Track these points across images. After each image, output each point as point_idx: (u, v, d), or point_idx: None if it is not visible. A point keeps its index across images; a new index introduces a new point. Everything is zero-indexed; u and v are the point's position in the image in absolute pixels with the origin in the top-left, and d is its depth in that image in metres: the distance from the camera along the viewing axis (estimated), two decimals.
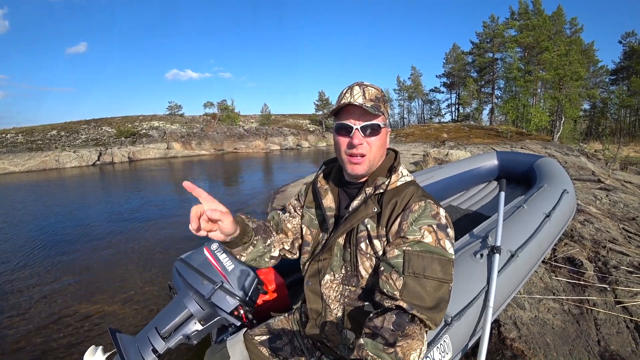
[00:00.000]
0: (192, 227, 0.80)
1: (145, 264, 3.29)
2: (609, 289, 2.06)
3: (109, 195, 7.21)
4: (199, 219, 0.80)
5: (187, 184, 0.79)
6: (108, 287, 2.83)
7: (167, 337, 1.26)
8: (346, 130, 0.91)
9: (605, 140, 17.90)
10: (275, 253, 1.08)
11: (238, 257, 1.00)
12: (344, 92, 0.94)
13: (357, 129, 0.90)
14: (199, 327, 1.29)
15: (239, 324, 1.22)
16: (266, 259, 1.06)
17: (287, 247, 1.11)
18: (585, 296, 2.01)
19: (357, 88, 0.92)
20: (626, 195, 4.43)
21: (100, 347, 1.21)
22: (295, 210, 1.16)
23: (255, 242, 1.00)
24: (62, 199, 6.78)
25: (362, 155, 0.92)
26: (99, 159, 19.63)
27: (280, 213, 1.18)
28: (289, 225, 1.13)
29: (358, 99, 0.90)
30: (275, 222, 1.13)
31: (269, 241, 1.05)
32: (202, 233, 0.82)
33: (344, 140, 0.93)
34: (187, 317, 1.30)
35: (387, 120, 0.96)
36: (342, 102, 0.91)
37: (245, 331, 1.19)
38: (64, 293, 2.78)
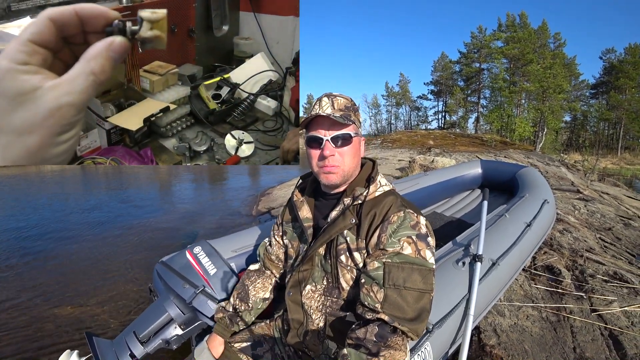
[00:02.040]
0: None
1: (125, 264, 3.20)
2: (585, 297, 2.12)
3: (89, 192, 7.02)
4: None
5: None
6: (85, 288, 2.73)
7: (146, 342, 1.24)
8: (317, 142, 0.90)
9: (584, 151, 18.52)
10: (267, 295, 1.18)
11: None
12: (314, 104, 0.93)
13: (327, 140, 0.88)
14: (179, 331, 1.27)
15: None
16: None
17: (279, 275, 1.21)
18: (562, 304, 2.06)
19: (325, 99, 0.91)
20: (603, 206, 4.59)
21: (76, 351, 1.18)
22: (275, 238, 1.17)
23: (254, 314, 1.16)
24: (41, 194, 6.58)
25: (334, 166, 0.90)
26: None
27: (267, 252, 1.22)
28: (273, 258, 1.18)
29: (327, 110, 0.89)
30: (266, 265, 1.21)
31: (268, 294, 1.18)
32: None
33: (315, 153, 0.91)
34: (167, 321, 1.28)
35: (359, 129, 0.95)
36: (312, 114, 0.90)
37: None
38: (34, 293, 2.65)
